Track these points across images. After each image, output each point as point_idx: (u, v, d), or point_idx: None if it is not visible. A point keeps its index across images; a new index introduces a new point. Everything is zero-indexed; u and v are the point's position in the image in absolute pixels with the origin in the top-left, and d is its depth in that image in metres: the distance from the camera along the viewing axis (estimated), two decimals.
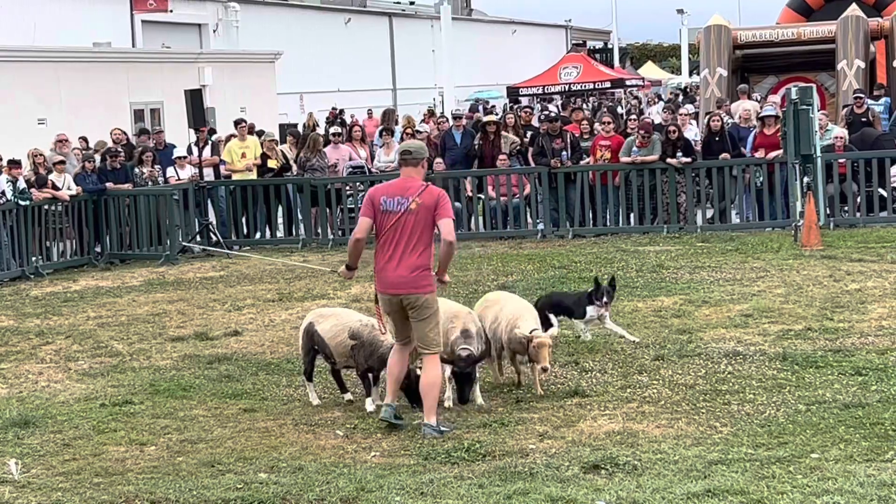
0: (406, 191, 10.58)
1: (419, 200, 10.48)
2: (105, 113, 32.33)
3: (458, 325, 11.32)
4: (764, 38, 33.43)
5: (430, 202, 10.50)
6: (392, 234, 10.56)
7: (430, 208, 10.49)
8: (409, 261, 10.53)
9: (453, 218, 10.69)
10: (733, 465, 9.03)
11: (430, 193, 10.56)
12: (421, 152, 10.85)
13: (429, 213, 10.50)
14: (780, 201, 22.14)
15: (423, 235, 10.54)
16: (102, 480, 9.48)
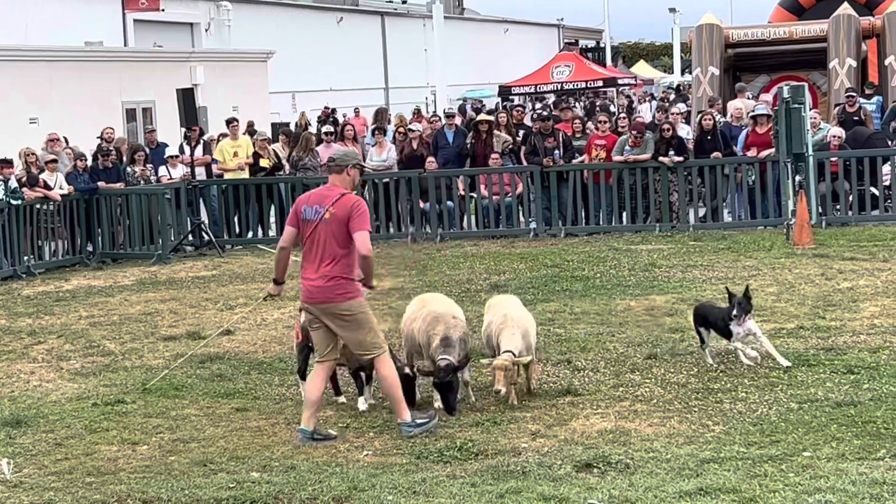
0: (324, 199, 10.44)
1: (332, 210, 10.33)
2: (97, 112, 32.28)
3: (438, 332, 11.28)
4: (756, 37, 33.45)
5: (343, 213, 10.31)
6: (310, 244, 10.47)
7: (343, 219, 10.30)
8: (323, 270, 10.44)
9: (369, 229, 10.41)
10: (725, 463, 9.04)
11: (344, 204, 10.35)
12: (345, 159, 10.68)
13: (342, 224, 10.32)
14: (772, 200, 22.16)
15: (337, 245, 10.37)
16: (94, 480, 9.47)
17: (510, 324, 11.33)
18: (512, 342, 11.15)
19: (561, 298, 16.11)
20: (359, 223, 10.32)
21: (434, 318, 11.39)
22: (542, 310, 15.30)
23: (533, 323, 11.78)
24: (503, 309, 11.74)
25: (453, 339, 11.13)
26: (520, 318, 11.53)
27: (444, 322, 11.31)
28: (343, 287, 10.44)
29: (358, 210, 10.38)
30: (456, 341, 11.11)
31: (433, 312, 11.49)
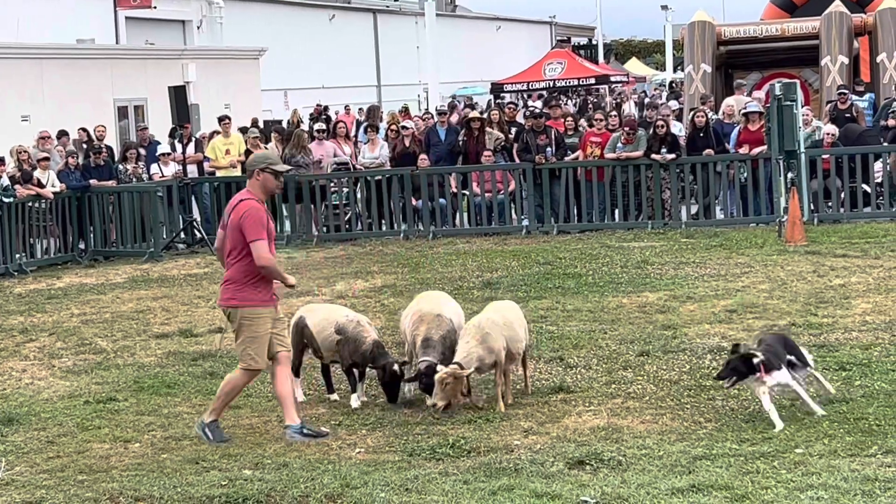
0: (231, 204, 10.60)
1: (231, 216, 10.43)
2: (89, 110, 32.22)
3: (420, 333, 11.27)
4: (748, 34, 33.43)
5: (236, 220, 10.34)
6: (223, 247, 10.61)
7: (236, 226, 10.33)
8: (226, 273, 10.58)
9: (260, 237, 10.26)
10: (718, 460, 9.04)
11: (238, 211, 10.37)
12: (252, 163, 10.74)
13: (235, 230, 10.34)
14: (764, 197, 22.18)
15: (233, 250, 10.40)
16: (87, 478, 9.46)
17: (467, 332, 11.03)
18: (460, 352, 10.89)
19: (553, 296, 16.11)
20: (249, 233, 10.29)
21: (419, 318, 11.41)
22: (534, 307, 15.31)
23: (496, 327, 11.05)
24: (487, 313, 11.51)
25: (434, 339, 11.11)
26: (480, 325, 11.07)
27: (427, 322, 11.31)
28: (230, 292, 10.47)
29: (247, 219, 10.30)
30: (437, 341, 11.07)
31: (419, 312, 11.51)
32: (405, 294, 16.48)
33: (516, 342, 11.18)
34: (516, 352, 11.22)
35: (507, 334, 11.08)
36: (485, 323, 11.05)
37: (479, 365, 10.94)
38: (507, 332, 11.11)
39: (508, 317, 11.35)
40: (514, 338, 11.16)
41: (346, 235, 23.54)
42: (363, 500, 8.53)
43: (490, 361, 10.96)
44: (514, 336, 11.18)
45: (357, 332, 11.42)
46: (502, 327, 11.09)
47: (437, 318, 11.36)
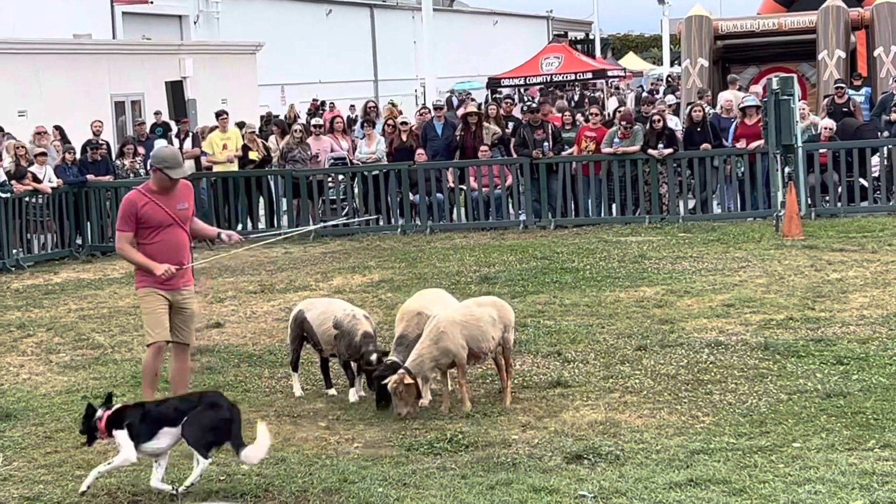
0: None
1: None
2: (86, 105, 32.24)
3: (398, 330, 11.34)
4: (745, 29, 33.47)
5: None
6: None
7: None
8: None
9: (119, 229, 10.93)
10: (715, 454, 9.05)
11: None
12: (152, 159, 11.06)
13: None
14: (761, 191, 22.19)
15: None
16: (84, 473, 9.44)
17: (426, 331, 10.88)
18: (412, 355, 10.78)
19: (550, 290, 16.11)
20: (117, 224, 11.07)
21: (401, 315, 11.49)
22: (531, 301, 15.31)
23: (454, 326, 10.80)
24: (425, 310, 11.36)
25: (409, 337, 11.10)
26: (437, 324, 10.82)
27: (406, 319, 11.35)
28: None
29: (119, 211, 11.06)
30: (412, 340, 11.03)
31: (404, 308, 11.56)
32: (402, 289, 16.49)
33: (481, 341, 10.84)
34: (480, 351, 10.89)
35: (468, 333, 10.79)
36: (442, 321, 10.81)
37: (435, 366, 10.79)
38: (470, 330, 10.81)
39: (477, 314, 11.00)
40: (477, 337, 10.82)
41: (343, 230, 23.53)
42: (361, 494, 8.54)
43: (446, 362, 10.78)
44: (477, 335, 10.82)
45: (352, 325, 11.42)
46: (463, 325, 10.81)
47: (417, 315, 11.29)
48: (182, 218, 10.92)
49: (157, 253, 10.82)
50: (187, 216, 10.99)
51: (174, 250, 10.88)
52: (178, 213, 10.87)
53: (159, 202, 10.78)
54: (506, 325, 11.09)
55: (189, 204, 11.02)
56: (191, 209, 11.05)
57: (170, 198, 10.83)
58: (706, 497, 8.14)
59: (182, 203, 10.92)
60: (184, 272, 10.98)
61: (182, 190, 10.97)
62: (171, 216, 10.82)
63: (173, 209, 10.84)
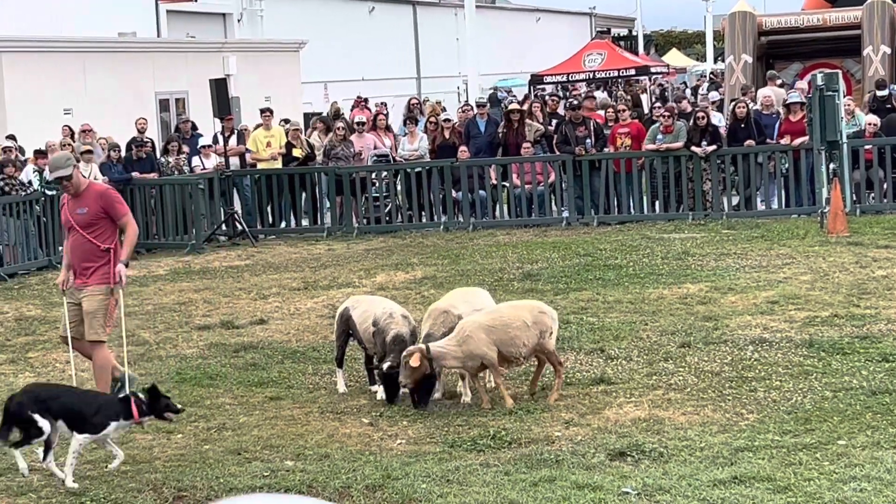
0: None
1: None
2: (130, 103, 32.40)
3: (425, 328, 11.53)
4: (789, 25, 33.29)
5: None
6: None
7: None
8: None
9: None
10: (760, 451, 9.03)
11: None
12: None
13: None
14: (805, 188, 22.07)
15: None
16: (130, 468, 9.52)
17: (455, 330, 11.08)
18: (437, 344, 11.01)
19: (594, 287, 16.09)
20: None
21: (428, 313, 11.77)
22: (574, 298, 15.30)
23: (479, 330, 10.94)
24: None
25: (434, 335, 11.26)
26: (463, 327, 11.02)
27: (433, 317, 11.60)
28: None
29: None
30: (437, 338, 11.15)
31: (432, 307, 11.82)
32: (445, 286, 16.50)
33: (509, 346, 10.91)
34: (511, 356, 10.98)
35: (496, 337, 10.86)
36: (468, 325, 10.94)
37: (457, 365, 10.95)
38: (498, 334, 10.88)
39: (506, 318, 11.06)
40: (505, 341, 10.89)
41: (387, 227, 23.57)
42: (404, 491, 8.56)
43: (473, 364, 10.89)
44: (505, 339, 10.89)
45: (386, 324, 11.45)
46: (489, 329, 10.89)
47: (444, 314, 11.45)
48: (79, 222, 11.23)
49: (67, 253, 11.55)
50: (86, 221, 11.22)
51: (75, 252, 11.35)
52: (75, 217, 11.26)
53: (68, 205, 11.41)
54: (542, 330, 11.03)
55: (90, 210, 11.24)
56: (91, 215, 11.24)
57: (75, 202, 11.33)
58: (750, 494, 8.12)
59: (82, 208, 11.26)
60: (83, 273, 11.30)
61: (86, 196, 11.33)
62: (71, 220, 11.30)
63: (73, 213, 11.29)
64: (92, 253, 11.30)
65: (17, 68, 31.58)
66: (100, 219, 11.27)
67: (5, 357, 14.11)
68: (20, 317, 16.64)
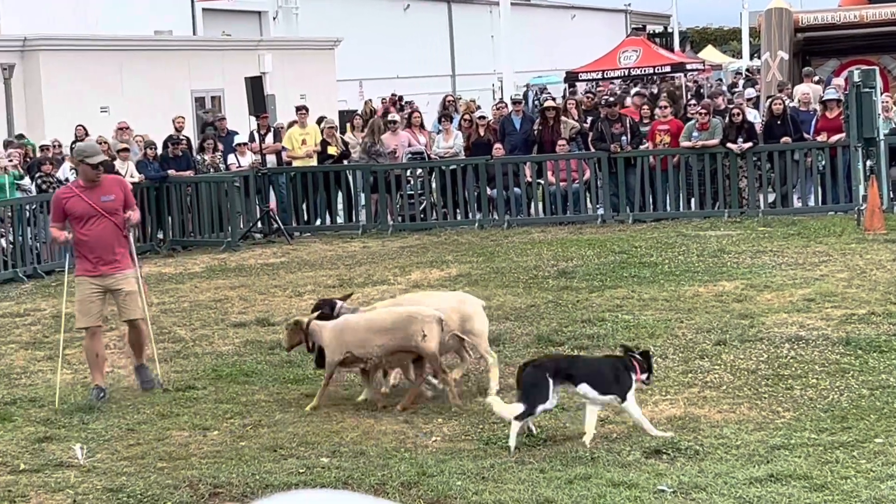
0: None
1: None
2: (166, 101, 32.54)
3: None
4: (826, 21, 33.10)
5: None
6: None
7: None
8: None
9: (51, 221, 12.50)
10: (796, 449, 8.99)
11: None
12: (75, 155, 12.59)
13: None
14: (842, 185, 21.96)
15: None
16: (166, 465, 9.56)
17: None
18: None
19: (629, 285, 16.05)
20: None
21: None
22: (610, 296, 15.27)
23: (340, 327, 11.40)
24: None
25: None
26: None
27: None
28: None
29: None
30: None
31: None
32: (480, 283, 16.51)
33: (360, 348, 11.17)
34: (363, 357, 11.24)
35: (349, 339, 11.17)
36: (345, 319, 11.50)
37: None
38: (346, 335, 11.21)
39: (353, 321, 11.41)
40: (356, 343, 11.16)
41: (421, 225, 23.58)
42: (439, 488, 8.56)
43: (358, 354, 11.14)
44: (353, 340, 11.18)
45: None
46: (341, 330, 11.27)
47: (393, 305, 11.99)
48: (107, 209, 11.78)
49: (86, 242, 11.82)
50: (114, 208, 11.82)
51: (103, 239, 11.82)
52: (103, 205, 11.76)
53: (84, 195, 11.78)
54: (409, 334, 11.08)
55: (116, 197, 11.86)
56: (119, 202, 11.86)
57: (95, 191, 11.79)
58: (787, 492, 8.09)
59: (107, 196, 11.81)
60: (115, 259, 11.88)
61: (107, 184, 11.96)
62: (97, 208, 11.75)
63: (99, 201, 11.75)
64: (118, 238, 11.94)
65: (55, 67, 31.80)
66: (121, 205, 11.90)
67: (42, 354, 14.20)
68: (57, 314, 16.70)
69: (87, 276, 11.88)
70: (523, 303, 15.21)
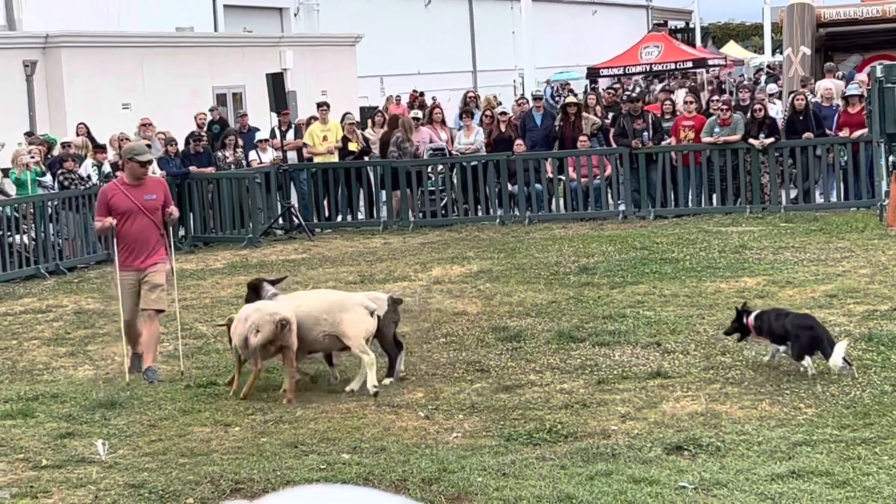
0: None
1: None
2: (188, 97, 32.61)
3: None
4: (848, 16, 33.05)
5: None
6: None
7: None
8: None
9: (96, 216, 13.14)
10: (818, 446, 8.96)
11: None
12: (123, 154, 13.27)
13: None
14: (864, 181, 21.88)
15: None
16: (188, 461, 9.58)
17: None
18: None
19: (650, 281, 16.03)
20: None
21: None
22: (631, 292, 15.25)
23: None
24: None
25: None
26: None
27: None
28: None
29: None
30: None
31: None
32: (501, 279, 16.50)
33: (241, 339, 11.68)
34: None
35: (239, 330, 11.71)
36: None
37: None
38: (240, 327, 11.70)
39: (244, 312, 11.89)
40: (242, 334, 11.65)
41: (442, 221, 23.58)
42: (460, 484, 8.55)
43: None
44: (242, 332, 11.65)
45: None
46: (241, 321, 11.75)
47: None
48: (148, 208, 12.53)
49: (126, 237, 12.58)
50: (154, 206, 12.57)
51: (142, 235, 12.57)
52: (146, 204, 12.51)
53: (128, 192, 12.52)
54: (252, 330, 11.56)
55: (157, 196, 12.63)
56: (159, 201, 12.63)
57: (139, 189, 12.56)
58: (808, 489, 8.07)
59: (149, 195, 12.56)
60: (151, 255, 12.61)
61: (150, 184, 12.78)
62: (139, 205, 12.47)
63: (141, 199, 12.49)
64: (156, 234, 12.66)
65: (77, 64, 31.90)
66: (160, 205, 12.62)
67: (65, 350, 14.25)
68: (79, 310, 16.78)
69: (124, 270, 12.66)
70: (544, 299, 15.20)
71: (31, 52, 31.34)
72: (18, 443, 10.20)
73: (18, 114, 30.29)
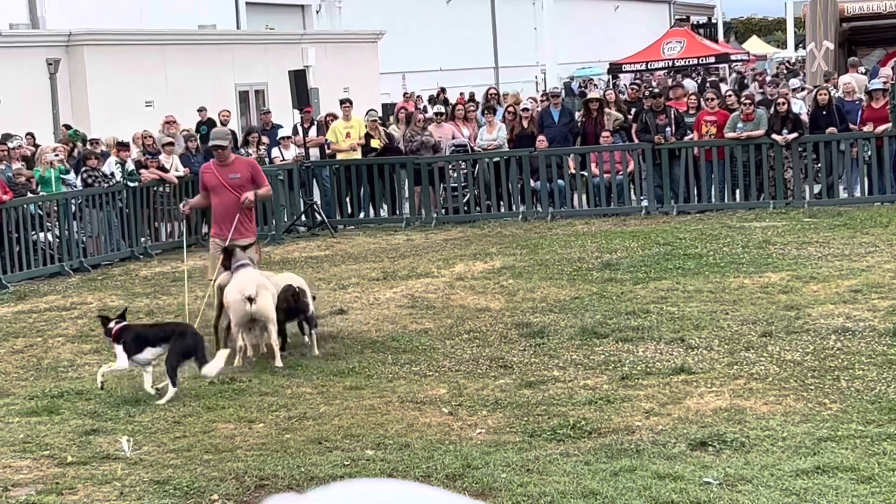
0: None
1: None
2: (210, 94, 32.66)
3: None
4: (871, 11, 32.90)
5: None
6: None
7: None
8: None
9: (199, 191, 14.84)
10: (843, 441, 8.93)
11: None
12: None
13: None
14: (888, 175, 21.81)
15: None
16: (212, 457, 9.60)
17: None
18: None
19: (674, 276, 16.00)
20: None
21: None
22: (654, 288, 15.23)
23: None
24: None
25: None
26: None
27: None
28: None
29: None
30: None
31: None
32: (524, 276, 16.49)
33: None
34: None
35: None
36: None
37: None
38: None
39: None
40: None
41: (465, 217, 23.58)
42: (484, 480, 8.55)
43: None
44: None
45: None
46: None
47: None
48: (232, 185, 13.87)
49: (214, 210, 14.19)
50: (237, 184, 13.90)
51: (226, 208, 13.91)
52: (230, 182, 13.86)
53: (215, 170, 14.02)
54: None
55: (243, 174, 13.99)
56: (245, 179, 13.97)
57: (225, 169, 13.98)
58: (833, 484, 8.04)
59: (234, 174, 13.95)
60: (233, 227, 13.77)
61: (236, 164, 14.15)
62: (223, 182, 13.86)
63: (226, 177, 13.87)
64: (238, 210, 13.85)
65: (99, 62, 31.97)
66: (246, 182, 13.96)
67: (89, 347, 14.29)
68: (104, 307, 16.82)
69: (213, 237, 14.23)
70: (567, 295, 15.19)
71: (54, 51, 31.43)
72: (44, 440, 10.24)
73: (42, 112, 30.38)
